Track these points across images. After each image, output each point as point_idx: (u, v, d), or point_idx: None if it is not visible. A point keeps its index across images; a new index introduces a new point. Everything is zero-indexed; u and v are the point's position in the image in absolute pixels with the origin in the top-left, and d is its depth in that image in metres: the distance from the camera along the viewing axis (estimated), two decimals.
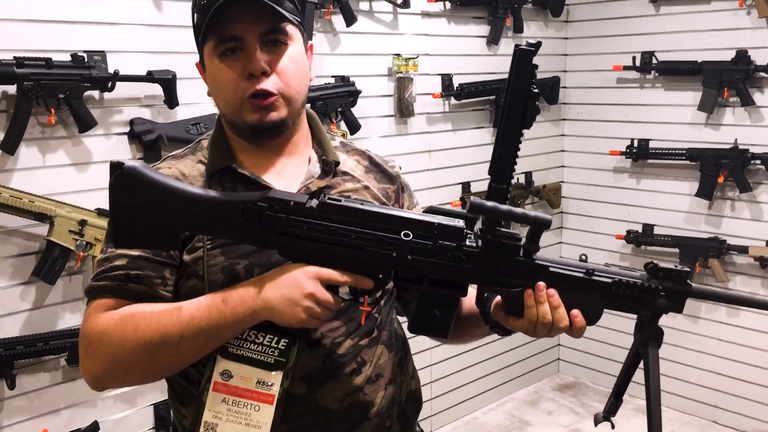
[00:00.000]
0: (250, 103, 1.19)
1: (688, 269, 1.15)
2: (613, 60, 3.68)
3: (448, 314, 1.16)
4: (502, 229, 1.12)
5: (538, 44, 1.12)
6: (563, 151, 4.06)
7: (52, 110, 2.20)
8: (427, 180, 3.37)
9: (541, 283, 1.15)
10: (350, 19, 2.90)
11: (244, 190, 1.23)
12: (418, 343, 3.42)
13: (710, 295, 1.21)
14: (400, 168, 1.45)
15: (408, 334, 1.35)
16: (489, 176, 1.16)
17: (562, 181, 4.06)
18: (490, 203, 1.09)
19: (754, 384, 3.42)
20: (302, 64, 1.25)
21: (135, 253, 1.18)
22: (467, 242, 1.12)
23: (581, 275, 1.14)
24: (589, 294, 1.15)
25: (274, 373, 1.17)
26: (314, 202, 1.12)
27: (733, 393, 3.50)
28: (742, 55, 3.24)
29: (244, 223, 1.11)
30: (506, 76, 3.70)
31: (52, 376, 2.32)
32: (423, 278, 1.14)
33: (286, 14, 1.19)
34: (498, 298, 1.21)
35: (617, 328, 3.86)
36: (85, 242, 2.26)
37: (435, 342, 3.50)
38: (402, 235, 1.10)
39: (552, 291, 1.15)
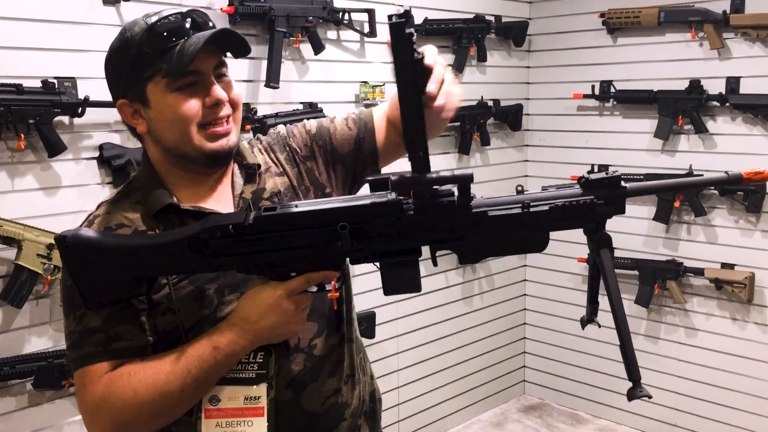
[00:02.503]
0: (208, 133, 1.24)
1: (619, 173, 1.18)
2: (573, 88, 3.80)
3: (412, 272, 1.20)
4: (435, 189, 1.15)
5: (407, 12, 1.12)
6: (526, 176, 4.15)
7: (22, 135, 2.22)
8: None
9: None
10: (318, 48, 2.97)
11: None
12: (385, 366, 3.45)
13: (645, 190, 1.25)
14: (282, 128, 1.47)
15: (366, 341, 1.40)
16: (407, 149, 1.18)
17: None
18: (409, 177, 1.13)
19: (714, 403, 3.51)
20: (241, 90, 1.33)
21: (106, 312, 1.20)
22: (406, 209, 1.15)
23: (519, 211, 1.16)
24: (532, 225, 1.17)
25: (258, 386, 1.21)
26: (251, 218, 1.17)
27: (693, 412, 3.59)
28: (695, 85, 3.36)
29: (194, 255, 1.17)
30: (470, 103, 3.80)
31: (18, 400, 2.31)
32: (375, 255, 1.18)
33: (246, 42, 1.27)
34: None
35: (581, 350, 3.95)
36: (53, 266, 2.26)
37: (402, 364, 3.56)
38: (339, 227, 1.14)
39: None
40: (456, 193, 1.16)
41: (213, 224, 1.17)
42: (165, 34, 1.21)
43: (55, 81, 2.28)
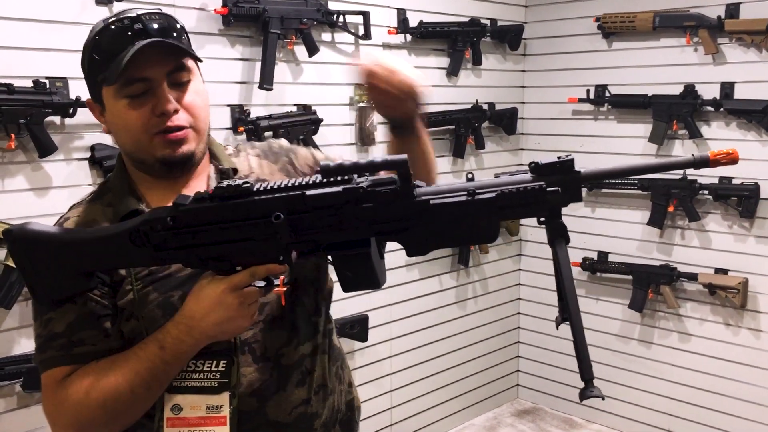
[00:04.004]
0: (161, 139, 1.21)
1: (571, 157, 1.09)
2: (568, 92, 3.80)
3: (364, 268, 1.14)
4: (375, 177, 1.11)
5: None
6: None
7: (13, 135, 2.20)
8: None
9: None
10: (312, 50, 2.96)
11: None
12: (378, 369, 3.44)
13: (601, 174, 1.12)
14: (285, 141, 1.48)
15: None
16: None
17: None
18: (334, 165, 1.09)
19: (707, 408, 3.50)
20: (205, 96, 1.29)
21: (70, 317, 1.20)
22: (344, 199, 1.10)
23: (464, 199, 1.09)
24: (478, 214, 1.10)
25: (220, 395, 1.21)
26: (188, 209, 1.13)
27: (686, 417, 3.58)
28: (689, 90, 3.36)
29: (137, 249, 1.14)
30: (465, 106, 3.77)
31: (6, 402, 2.30)
32: (320, 248, 1.14)
33: (188, 50, 1.23)
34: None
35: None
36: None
37: (395, 368, 3.54)
38: (273, 218, 1.09)
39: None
40: (398, 182, 1.09)
41: (152, 216, 1.14)
42: (109, 40, 1.19)
43: (47, 81, 2.26)
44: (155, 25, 1.20)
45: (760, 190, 3.22)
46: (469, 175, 1.14)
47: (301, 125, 2.94)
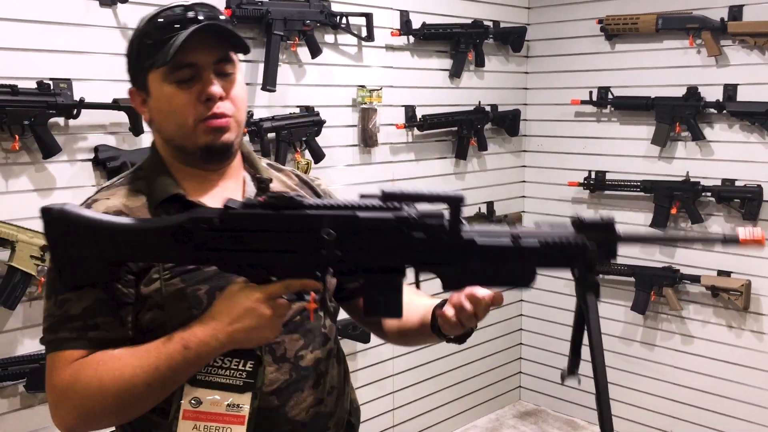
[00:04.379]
0: (205, 126, 1.24)
1: (613, 219, 1.15)
2: (571, 94, 3.80)
3: (394, 296, 1.17)
4: (426, 209, 1.15)
5: None
6: (524, 181, 4.15)
7: (17, 136, 2.21)
8: None
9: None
10: (315, 51, 2.96)
11: None
12: (380, 370, 3.44)
13: (638, 238, 1.22)
14: (326, 185, 1.52)
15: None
16: None
17: (524, 211, 4.15)
18: (399, 190, 1.13)
19: (709, 410, 3.50)
20: (246, 92, 1.33)
21: (87, 300, 1.19)
22: (396, 226, 1.14)
23: (509, 244, 1.14)
24: (519, 259, 1.15)
25: (243, 394, 1.20)
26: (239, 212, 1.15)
27: (688, 420, 3.58)
28: (692, 92, 3.36)
29: (176, 245, 1.15)
30: (468, 108, 3.78)
31: (10, 402, 2.30)
32: (359, 269, 1.16)
33: (240, 36, 1.27)
34: (445, 311, 1.30)
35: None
36: (46, 268, 2.25)
37: (397, 369, 3.54)
38: (323, 234, 1.11)
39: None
40: (447, 216, 1.14)
41: (200, 215, 1.15)
42: (162, 26, 1.23)
43: (51, 82, 2.27)
44: (203, 16, 1.25)
45: (763, 193, 3.22)
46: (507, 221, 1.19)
47: (304, 126, 2.94)
